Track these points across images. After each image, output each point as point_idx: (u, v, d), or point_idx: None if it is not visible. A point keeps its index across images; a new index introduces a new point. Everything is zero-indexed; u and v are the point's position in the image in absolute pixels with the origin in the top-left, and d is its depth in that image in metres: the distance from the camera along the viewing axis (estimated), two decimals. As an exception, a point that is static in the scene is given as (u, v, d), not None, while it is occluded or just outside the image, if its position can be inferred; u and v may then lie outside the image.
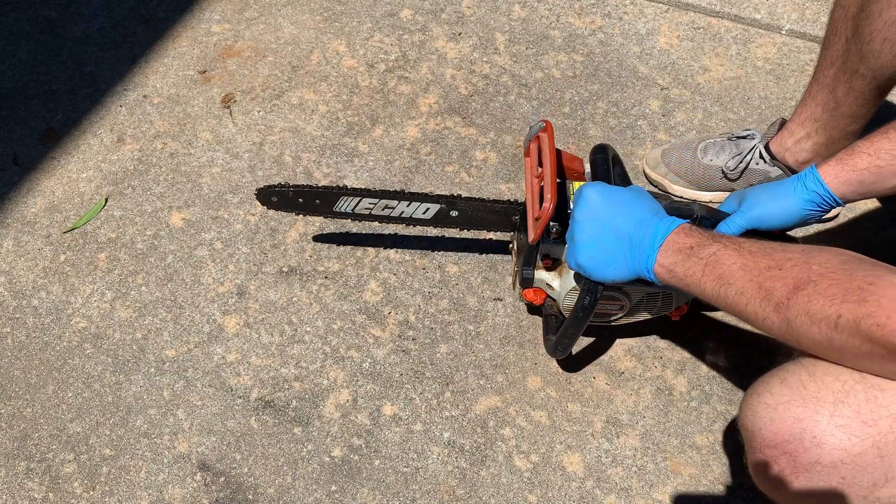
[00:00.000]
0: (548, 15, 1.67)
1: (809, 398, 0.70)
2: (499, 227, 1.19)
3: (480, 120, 1.51)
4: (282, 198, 1.18)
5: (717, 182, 1.34)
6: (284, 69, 1.60)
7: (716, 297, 0.78)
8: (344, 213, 1.18)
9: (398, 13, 1.68)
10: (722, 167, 1.32)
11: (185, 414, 1.19)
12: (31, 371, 1.24)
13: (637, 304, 1.07)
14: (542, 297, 1.12)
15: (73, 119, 1.53)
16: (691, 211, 1.00)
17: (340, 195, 1.16)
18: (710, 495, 1.11)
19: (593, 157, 1.04)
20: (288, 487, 1.12)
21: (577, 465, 1.13)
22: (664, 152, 1.38)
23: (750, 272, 0.75)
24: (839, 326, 0.66)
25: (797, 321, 0.70)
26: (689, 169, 1.35)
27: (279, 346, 1.25)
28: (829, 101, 1.17)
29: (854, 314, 0.65)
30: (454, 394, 1.20)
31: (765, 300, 0.72)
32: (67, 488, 1.13)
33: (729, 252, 0.77)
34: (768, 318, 0.72)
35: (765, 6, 1.67)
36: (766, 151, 1.28)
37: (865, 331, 0.64)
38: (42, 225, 1.39)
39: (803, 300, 0.69)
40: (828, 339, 0.68)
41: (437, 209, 1.16)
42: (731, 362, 1.21)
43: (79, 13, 1.70)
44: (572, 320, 1.01)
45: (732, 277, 0.76)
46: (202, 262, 1.34)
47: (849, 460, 0.68)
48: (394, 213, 1.17)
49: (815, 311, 0.68)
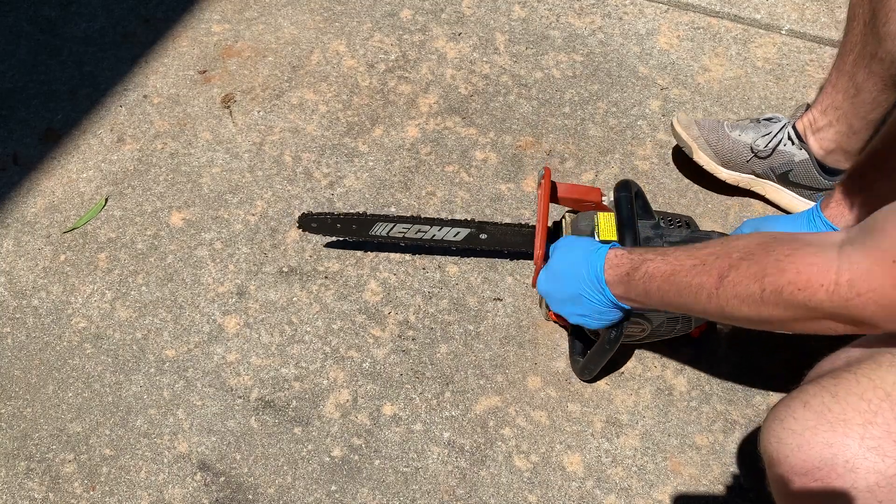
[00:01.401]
0: (548, 15, 1.67)
1: (837, 422, 0.68)
2: (525, 248, 1.24)
3: (480, 120, 1.51)
4: (321, 224, 1.25)
5: (742, 159, 1.33)
6: (284, 69, 1.60)
7: (667, 306, 0.85)
8: (379, 236, 1.24)
9: (398, 13, 1.68)
10: (751, 144, 1.32)
11: (185, 414, 1.19)
12: (31, 371, 1.24)
13: (658, 327, 1.10)
14: None
15: (73, 119, 1.53)
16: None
17: (376, 221, 1.23)
18: (710, 495, 1.11)
19: (617, 196, 1.07)
20: (288, 487, 1.12)
21: (577, 465, 1.13)
22: (698, 120, 1.38)
23: (679, 275, 0.81)
24: (765, 300, 0.71)
25: (728, 305, 0.75)
26: (719, 140, 1.34)
27: (279, 346, 1.25)
28: (849, 88, 1.17)
29: (775, 285, 0.70)
30: (454, 394, 1.20)
31: (699, 294, 0.78)
32: (67, 488, 1.13)
33: (657, 265, 0.84)
34: (707, 310, 0.78)
35: (765, 6, 1.67)
36: (794, 133, 1.29)
37: (788, 297, 0.69)
38: (42, 225, 1.39)
39: (729, 286, 0.74)
40: (757, 314, 0.73)
41: (467, 233, 1.22)
42: (731, 362, 1.21)
43: (79, 13, 1.70)
44: (599, 350, 1.07)
45: (668, 284, 0.82)
46: (202, 262, 1.34)
47: (884, 483, 0.66)
48: (426, 236, 1.23)
49: (741, 292, 0.73)
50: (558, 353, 1.23)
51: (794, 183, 1.32)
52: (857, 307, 0.65)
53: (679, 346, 1.23)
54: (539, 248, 1.08)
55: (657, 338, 1.15)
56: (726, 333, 1.24)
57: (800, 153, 1.29)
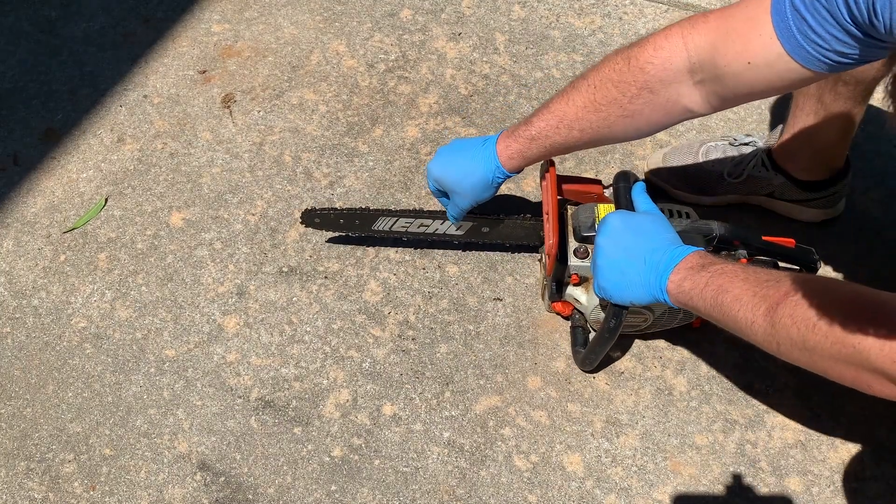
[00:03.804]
0: (548, 15, 1.67)
1: None
2: (528, 241, 1.26)
3: (480, 120, 1.51)
4: (324, 219, 1.25)
5: (719, 186, 1.33)
6: (284, 69, 1.60)
7: (713, 305, 0.83)
8: (382, 231, 1.25)
9: (398, 13, 1.68)
10: (724, 173, 1.31)
11: (185, 414, 1.19)
12: (31, 371, 1.24)
13: (660, 317, 1.13)
14: (570, 309, 1.20)
15: (73, 119, 1.53)
16: (710, 230, 1.05)
17: (379, 216, 1.23)
18: (710, 495, 1.11)
19: (616, 185, 1.07)
20: (288, 487, 1.12)
21: (576, 464, 1.13)
22: (665, 156, 1.38)
23: (748, 282, 0.80)
24: (815, 328, 0.71)
25: (781, 322, 0.74)
26: (694, 174, 1.34)
27: (279, 346, 1.25)
28: (818, 110, 1.17)
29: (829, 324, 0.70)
30: (454, 394, 1.20)
31: (758, 305, 0.77)
32: (67, 488, 1.13)
33: (734, 268, 0.84)
34: (756, 322, 0.77)
35: (765, 6, 1.66)
36: (769, 158, 1.28)
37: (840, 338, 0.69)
38: (42, 225, 1.39)
39: (791, 304, 0.74)
40: (802, 339, 0.72)
41: (469, 226, 1.23)
42: (731, 362, 1.21)
43: (79, 13, 1.70)
44: (599, 340, 1.08)
45: (731, 286, 0.81)
46: (202, 262, 1.34)
47: None
48: (428, 230, 1.24)
49: (798, 314, 0.73)
50: (558, 353, 1.23)
51: (780, 199, 1.32)
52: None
53: (679, 346, 1.23)
54: (553, 236, 1.09)
55: (660, 328, 1.16)
56: (726, 333, 1.24)
57: (776, 177, 1.28)
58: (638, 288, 0.93)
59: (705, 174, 1.33)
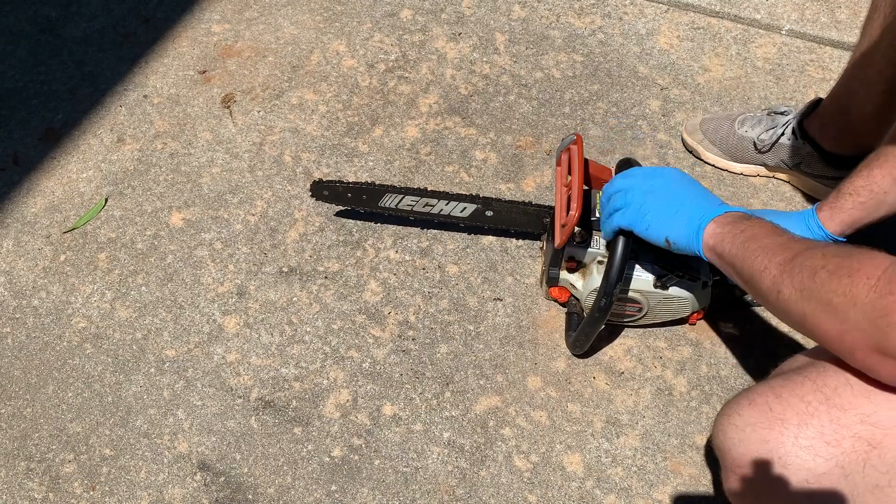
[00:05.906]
0: (548, 15, 1.67)
1: (775, 420, 0.73)
2: (530, 227, 1.27)
3: (480, 120, 1.51)
4: (332, 192, 1.28)
5: (748, 153, 1.38)
6: (284, 69, 1.60)
7: (739, 248, 0.84)
8: (388, 208, 1.27)
9: (398, 13, 1.68)
10: (755, 139, 1.36)
11: (185, 414, 1.19)
12: (31, 371, 1.24)
13: (654, 307, 1.14)
14: (567, 295, 1.21)
15: (73, 119, 1.53)
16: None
17: (385, 192, 1.25)
18: (710, 495, 1.11)
19: (620, 170, 1.08)
20: (288, 487, 1.12)
21: (577, 465, 1.13)
22: (703, 121, 1.44)
23: (781, 237, 0.81)
24: (817, 272, 0.72)
25: (790, 270, 0.75)
26: (724, 138, 1.40)
27: (279, 346, 1.25)
28: (857, 83, 1.20)
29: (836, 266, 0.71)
30: (454, 394, 1.20)
31: (777, 254, 0.78)
32: (67, 488, 1.13)
33: (773, 226, 0.85)
34: (768, 268, 0.78)
35: (765, 6, 1.67)
36: (799, 128, 1.32)
37: (840, 278, 0.70)
38: (42, 225, 1.39)
39: (807, 255, 0.75)
40: (801, 283, 0.73)
41: (473, 208, 1.24)
42: (731, 362, 1.21)
43: (79, 13, 1.70)
44: (589, 319, 1.08)
45: (764, 237, 0.82)
46: (202, 262, 1.34)
47: (814, 479, 0.70)
48: (433, 210, 1.26)
49: (807, 263, 0.74)
50: (558, 353, 1.23)
51: (806, 173, 1.35)
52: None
53: (679, 346, 1.23)
54: (577, 209, 1.03)
55: (654, 320, 1.18)
56: (726, 333, 1.24)
57: (803, 146, 1.32)
58: (682, 220, 0.92)
59: (737, 139, 1.39)
